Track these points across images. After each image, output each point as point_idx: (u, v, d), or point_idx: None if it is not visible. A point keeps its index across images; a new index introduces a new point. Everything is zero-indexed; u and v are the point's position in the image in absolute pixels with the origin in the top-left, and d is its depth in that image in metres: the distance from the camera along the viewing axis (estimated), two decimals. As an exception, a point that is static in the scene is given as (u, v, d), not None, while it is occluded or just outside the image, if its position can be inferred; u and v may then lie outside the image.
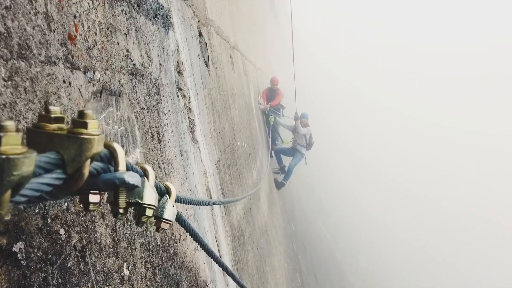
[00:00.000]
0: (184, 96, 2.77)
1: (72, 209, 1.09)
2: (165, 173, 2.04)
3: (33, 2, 1.05)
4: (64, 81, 1.15)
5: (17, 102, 0.93)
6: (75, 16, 1.28)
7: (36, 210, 0.94)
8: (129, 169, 0.78)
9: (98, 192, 0.72)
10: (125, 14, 1.79)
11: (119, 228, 1.38)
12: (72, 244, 1.06)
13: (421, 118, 70.80)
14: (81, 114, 0.64)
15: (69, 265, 1.03)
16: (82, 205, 0.72)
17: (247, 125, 7.03)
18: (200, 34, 3.82)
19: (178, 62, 2.74)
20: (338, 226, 26.91)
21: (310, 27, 76.16)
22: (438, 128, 68.47)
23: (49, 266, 0.95)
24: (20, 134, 0.47)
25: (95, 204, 0.72)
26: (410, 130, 67.89)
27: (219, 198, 3.37)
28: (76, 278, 1.05)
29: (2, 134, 0.46)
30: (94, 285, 1.14)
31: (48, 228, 0.97)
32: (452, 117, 70.20)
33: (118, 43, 1.64)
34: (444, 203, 49.40)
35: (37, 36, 1.04)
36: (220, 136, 4.10)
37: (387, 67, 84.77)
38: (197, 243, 1.33)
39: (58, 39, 1.15)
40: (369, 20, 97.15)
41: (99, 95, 1.39)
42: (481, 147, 62.67)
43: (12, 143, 0.45)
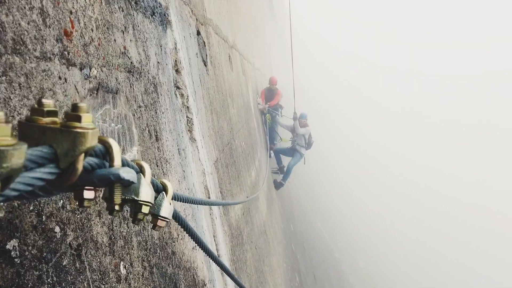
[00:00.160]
0: (182, 95, 2.75)
1: (68, 206, 1.07)
2: (163, 172, 2.02)
3: (28, -3, 1.04)
4: (59, 78, 1.14)
5: (12, 97, 0.92)
6: (71, 12, 1.26)
7: (31, 207, 0.92)
8: (125, 165, 0.77)
9: (93, 188, 0.71)
10: (122, 11, 1.77)
11: (116, 226, 1.37)
12: (68, 242, 1.05)
13: (420, 117, 70.97)
14: (75, 107, 0.62)
15: (64, 263, 1.02)
16: (76, 201, 0.70)
17: (246, 124, 7.02)
18: (198, 33, 3.81)
19: (176, 60, 2.73)
20: (337, 226, 26.91)
21: (309, 26, 76.26)
22: (437, 127, 68.64)
23: (43, 264, 0.93)
24: (10, 125, 0.46)
25: (89, 200, 0.71)
26: (409, 129, 68.03)
27: (217, 198, 3.36)
28: (71, 277, 1.04)
29: (-10, 125, 0.44)
30: (90, 283, 1.13)
31: (43, 226, 0.96)
32: (451, 116, 70.37)
33: (115, 40, 1.63)
34: (443, 203, 49.51)
35: (32, 31, 1.03)
36: (218, 135, 4.09)
37: (385, 66, 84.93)
38: (195, 241, 1.31)
39: (54, 35, 1.14)
40: (368, 19, 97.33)
41: (95, 92, 1.38)
42: (480, 146, 62.82)
43: (1, 134, 0.44)
